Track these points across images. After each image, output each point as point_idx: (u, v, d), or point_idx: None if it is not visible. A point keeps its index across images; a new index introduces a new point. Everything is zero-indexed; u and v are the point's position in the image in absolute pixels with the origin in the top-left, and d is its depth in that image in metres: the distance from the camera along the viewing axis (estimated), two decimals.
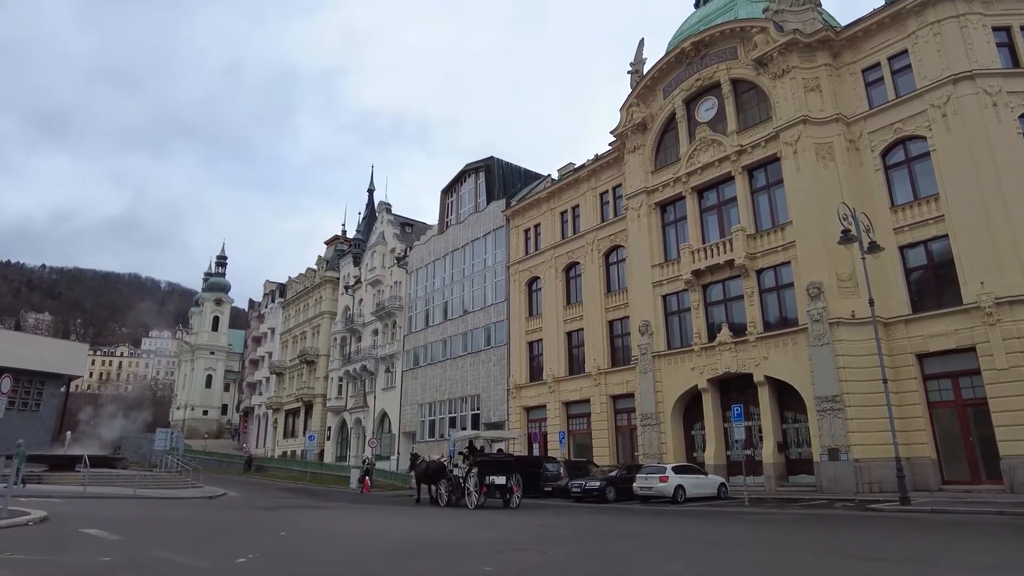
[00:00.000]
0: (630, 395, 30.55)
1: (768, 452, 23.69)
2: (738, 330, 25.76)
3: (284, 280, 76.54)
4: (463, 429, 40.95)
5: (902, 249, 23.00)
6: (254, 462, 58.92)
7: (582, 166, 36.32)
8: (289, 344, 69.93)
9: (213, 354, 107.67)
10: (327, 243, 72.65)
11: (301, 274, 71.24)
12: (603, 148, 35.78)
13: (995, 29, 23.06)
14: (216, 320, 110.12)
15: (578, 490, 22.26)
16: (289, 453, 62.80)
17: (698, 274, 27.14)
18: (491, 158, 46.36)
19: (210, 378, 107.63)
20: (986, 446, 20.36)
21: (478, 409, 40.60)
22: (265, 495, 27.81)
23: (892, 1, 24.50)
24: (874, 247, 17.64)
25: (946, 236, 21.95)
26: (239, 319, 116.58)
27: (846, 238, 17.57)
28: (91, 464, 31.52)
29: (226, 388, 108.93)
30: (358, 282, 58.94)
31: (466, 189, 48.20)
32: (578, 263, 35.47)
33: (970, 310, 20.79)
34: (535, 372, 37.11)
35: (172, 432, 38.02)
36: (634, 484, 21.43)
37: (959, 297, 21.22)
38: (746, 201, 26.74)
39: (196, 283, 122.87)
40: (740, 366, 25.10)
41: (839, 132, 24.81)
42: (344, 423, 56.28)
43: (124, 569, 7.68)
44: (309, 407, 62.25)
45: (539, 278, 37.99)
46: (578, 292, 35.33)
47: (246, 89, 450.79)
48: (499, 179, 45.52)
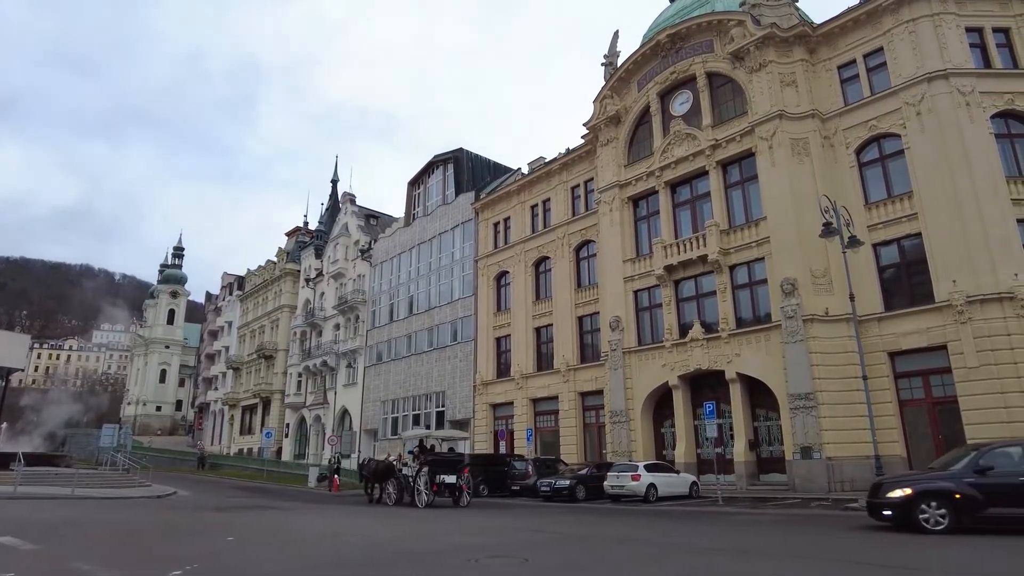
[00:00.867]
0: (599, 392, 30.00)
1: (740, 450, 23.34)
2: (710, 327, 25.40)
3: (242, 272, 74.18)
4: (427, 427, 39.98)
5: (875, 247, 22.85)
6: (208, 459, 56.89)
7: (553, 159, 35.64)
8: (247, 338, 67.75)
9: (168, 348, 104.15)
10: (288, 234, 70.61)
11: (260, 266, 69.05)
12: (573, 144, 35.25)
13: (968, 30, 23.10)
14: (172, 313, 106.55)
15: (547, 489, 21.55)
16: (246, 451, 60.83)
17: (670, 269, 26.70)
18: (460, 150, 45.37)
19: (164, 373, 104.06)
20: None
21: (443, 406, 39.64)
22: (218, 494, 26.42)
23: None
24: (854, 241, 17.32)
25: (919, 234, 21.88)
26: (196, 313, 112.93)
27: (828, 231, 17.22)
28: (30, 462, 29.63)
29: (181, 383, 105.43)
30: (320, 275, 57.32)
31: (434, 181, 47.12)
32: (548, 258, 34.79)
33: (942, 308, 20.73)
34: (502, 368, 36.32)
35: (120, 428, 36.05)
36: (605, 483, 20.83)
37: (931, 295, 21.15)
38: (720, 196, 26.40)
39: (152, 276, 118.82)
40: (712, 363, 24.73)
41: (814, 128, 24.61)
42: (303, 420, 54.64)
43: None
44: (267, 403, 60.32)
45: (508, 272, 37.20)
46: (548, 287, 34.66)
47: (208, 78, 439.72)
48: (468, 171, 44.57)
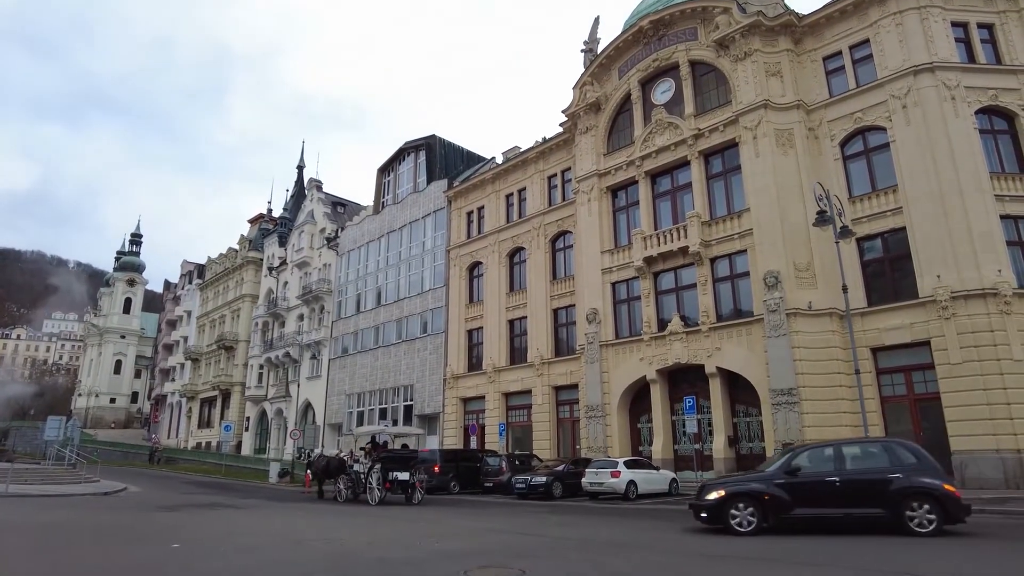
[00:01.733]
0: (574, 386, 29.24)
1: (719, 447, 22.76)
2: (690, 320, 24.79)
3: (203, 261, 71.56)
4: (395, 421, 38.79)
5: (859, 241, 22.39)
6: (160, 453, 54.76)
7: (530, 148, 34.67)
8: (206, 328, 65.38)
9: (124, 338, 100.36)
10: (251, 222, 68.30)
11: (222, 254, 66.63)
12: (548, 137, 34.24)
13: (954, 24, 22.85)
14: (128, 302, 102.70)
15: (523, 486, 20.64)
16: (204, 445, 58.70)
17: (650, 261, 26.01)
18: (432, 136, 44.09)
19: (119, 364, 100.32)
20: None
21: (411, 400, 38.45)
22: (171, 490, 24.90)
23: None
24: (846, 232, 16.78)
25: (904, 228, 21.54)
26: (154, 303, 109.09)
27: (822, 219, 16.61)
28: None
29: (137, 375, 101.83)
30: (283, 264, 55.42)
31: (405, 168, 45.76)
32: (523, 248, 33.87)
33: (926, 304, 20.41)
34: (474, 362, 35.31)
35: (67, 420, 34.03)
36: (583, 480, 20.03)
37: (915, 291, 20.83)
38: (702, 187, 25.78)
39: (109, 264, 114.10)
40: (691, 357, 24.12)
41: (799, 119, 24.13)
42: (264, 413, 52.78)
43: None
44: (227, 396, 58.24)
45: (481, 263, 36.17)
46: (522, 278, 33.74)
47: (176, 66, 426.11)
48: (441, 159, 43.33)
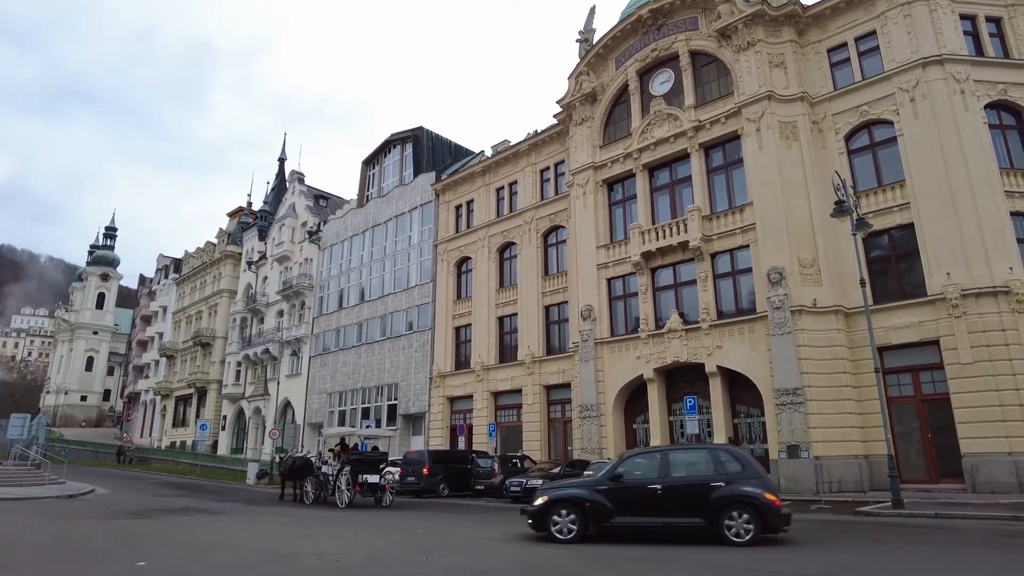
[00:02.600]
0: (566, 385, 28.30)
1: None
2: (689, 317, 23.98)
3: (180, 255, 69.55)
4: (378, 421, 37.63)
5: (864, 237, 21.77)
6: (132, 453, 53.02)
7: (522, 140, 33.69)
8: (182, 324, 63.48)
9: (96, 334, 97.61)
10: (230, 215, 66.52)
11: (199, 248, 64.74)
12: (539, 129, 33.32)
13: (962, 17, 22.32)
14: (101, 297, 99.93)
15: (517, 489, 19.64)
16: (178, 444, 56.90)
17: (648, 256, 25.15)
18: (420, 128, 42.91)
19: (91, 360, 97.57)
20: (943, 443, 19.44)
21: (395, 399, 37.24)
22: (142, 493, 23.52)
23: None
24: (862, 224, 16.01)
25: (911, 225, 20.90)
26: (129, 300, 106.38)
27: (840, 210, 15.85)
28: None
29: (110, 372, 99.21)
30: (263, 258, 53.84)
31: (390, 161, 44.54)
32: (514, 243, 32.87)
33: (935, 302, 19.78)
34: (462, 360, 34.23)
35: (32, 418, 32.36)
36: None
37: (923, 288, 20.20)
38: (702, 180, 24.99)
39: (83, 260, 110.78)
40: (691, 355, 23.30)
41: (803, 112, 23.43)
42: (241, 412, 51.15)
43: None
44: (203, 394, 56.48)
45: (470, 258, 35.10)
46: (513, 274, 32.74)
47: (157, 59, 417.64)
48: (428, 151, 42.19)
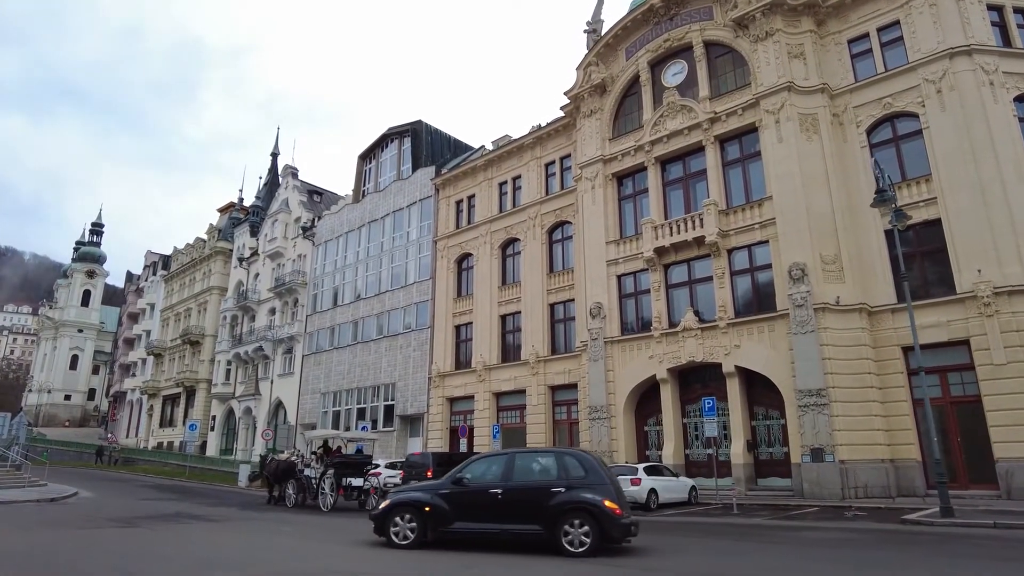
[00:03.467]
0: (572, 386, 27.34)
1: (738, 451, 21.05)
2: (705, 316, 23.08)
3: (169, 251, 67.95)
4: (374, 421, 36.48)
5: (888, 233, 20.97)
6: (117, 453, 51.61)
7: (526, 134, 32.70)
8: (171, 322, 61.93)
9: (81, 332, 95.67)
10: (220, 210, 65.01)
11: (188, 244, 63.20)
12: (543, 123, 32.39)
13: (989, 7, 21.63)
14: (87, 294, 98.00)
15: None
16: (166, 444, 55.38)
17: (661, 252, 24.24)
18: (419, 122, 41.85)
19: (76, 359, 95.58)
20: (974, 447, 18.64)
21: (392, 399, 36.10)
22: (128, 496, 22.28)
23: None
24: (900, 215, 15.13)
25: (938, 220, 20.11)
26: (115, 298, 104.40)
27: (881, 199, 14.94)
28: None
29: (95, 371, 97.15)
30: (255, 254, 52.51)
31: (388, 155, 43.42)
32: (517, 239, 31.86)
33: (964, 300, 19.00)
34: (462, 359, 33.17)
35: (12, 417, 30.98)
36: None
37: (952, 286, 19.41)
38: (717, 174, 24.12)
39: (65, 258, 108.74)
40: (707, 355, 22.39)
41: (824, 104, 22.64)
42: (231, 412, 49.73)
43: None
44: (191, 393, 55.00)
45: (471, 255, 34.06)
46: (516, 271, 31.74)
47: (146, 58, 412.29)
48: (427, 146, 41.12)
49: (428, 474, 21.44)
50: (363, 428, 34.84)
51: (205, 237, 61.09)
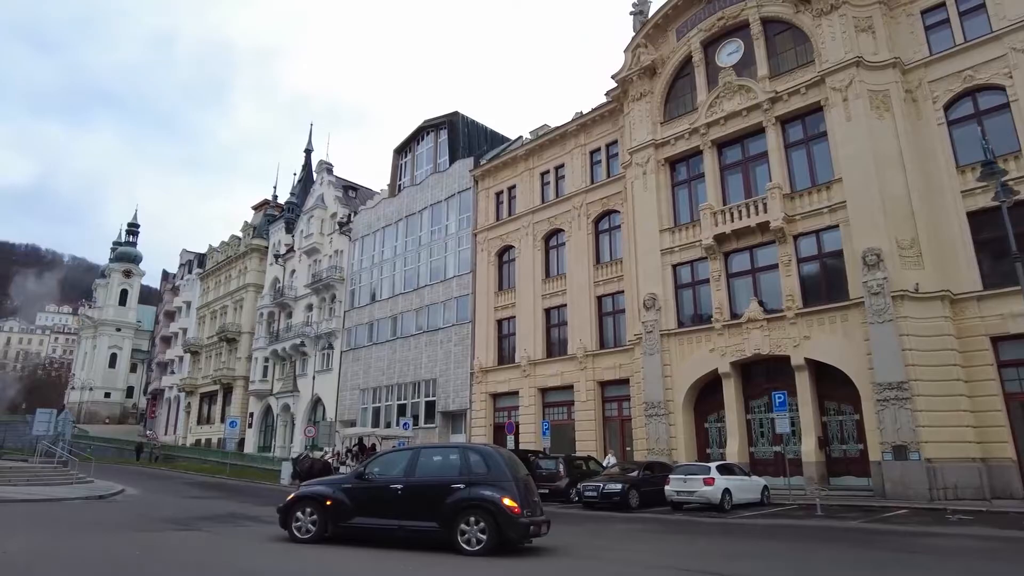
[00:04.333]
0: (623, 381, 26.28)
1: (809, 449, 19.83)
2: (769, 305, 21.84)
3: (204, 249, 68.34)
4: (415, 417, 35.81)
5: (971, 215, 19.55)
6: (158, 450, 51.84)
7: (570, 121, 31.65)
8: (207, 320, 62.21)
9: (119, 331, 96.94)
10: (255, 208, 65.05)
11: (224, 242, 63.45)
12: (584, 111, 31.28)
13: None
14: (124, 294, 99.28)
15: (593, 494, 17.62)
16: (203, 441, 55.54)
17: (721, 240, 23.06)
18: (455, 113, 41.11)
19: (115, 357, 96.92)
20: None
21: (434, 395, 35.41)
22: (175, 494, 21.83)
23: None
24: (1007, 191, 13.78)
25: None
26: (151, 299, 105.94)
27: (990, 171, 13.60)
28: None
29: (133, 369, 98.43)
30: (290, 251, 52.33)
31: (424, 148, 42.74)
32: (561, 230, 30.86)
33: None
34: (505, 354, 32.31)
35: (57, 413, 30.97)
36: (667, 487, 17.05)
37: None
38: (780, 156, 22.84)
39: (103, 259, 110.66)
40: (774, 347, 21.17)
41: (895, 79, 21.22)
42: (269, 409, 49.65)
43: None
44: (228, 390, 55.09)
45: (513, 247, 33.15)
46: (560, 263, 30.76)
47: (178, 63, 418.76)
48: (464, 137, 40.40)
49: None
50: (404, 425, 34.18)
51: (240, 235, 61.20)
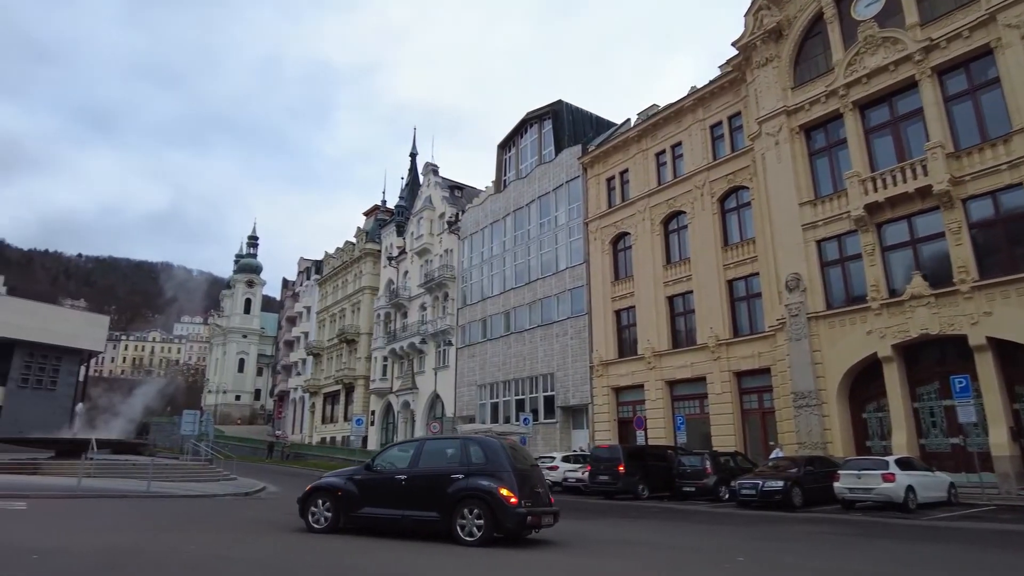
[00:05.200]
0: (763, 371, 24.36)
1: (999, 441, 17.28)
2: (937, 279, 19.35)
3: (320, 256, 71.34)
4: (534, 411, 35.24)
5: None
6: (286, 449, 54.39)
7: (685, 96, 29.88)
8: (327, 323, 64.81)
9: (245, 337, 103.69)
10: (366, 214, 67.13)
11: (339, 248, 65.89)
12: (694, 87, 29.31)
13: None
14: (248, 302, 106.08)
15: (751, 492, 16.16)
16: (328, 440, 57.85)
17: (872, 210, 20.72)
18: (559, 102, 40.15)
19: (242, 362, 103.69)
20: None
21: (552, 390, 34.66)
22: None
23: None
24: None
25: None
26: (271, 306, 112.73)
27: None
28: (111, 450, 26.43)
29: (259, 372, 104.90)
30: (402, 253, 53.36)
31: (528, 141, 42.10)
32: (682, 212, 29.18)
33: None
34: (626, 346, 31.00)
35: (201, 414, 32.87)
36: (837, 484, 15.32)
37: None
38: (938, 112, 20.20)
39: (228, 272, 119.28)
40: (945, 326, 18.71)
41: None
42: (390, 407, 50.86)
43: None
44: (350, 390, 57.02)
45: (628, 234, 31.79)
46: (683, 247, 29.08)
47: (283, 85, 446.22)
48: (568, 126, 39.37)
49: (620, 469, 19.66)
50: (524, 420, 33.70)
51: (354, 240, 63.26)
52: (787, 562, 8.62)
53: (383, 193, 66.62)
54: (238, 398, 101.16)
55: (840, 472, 15.46)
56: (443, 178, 52.98)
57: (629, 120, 37.04)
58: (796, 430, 21.35)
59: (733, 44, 26.33)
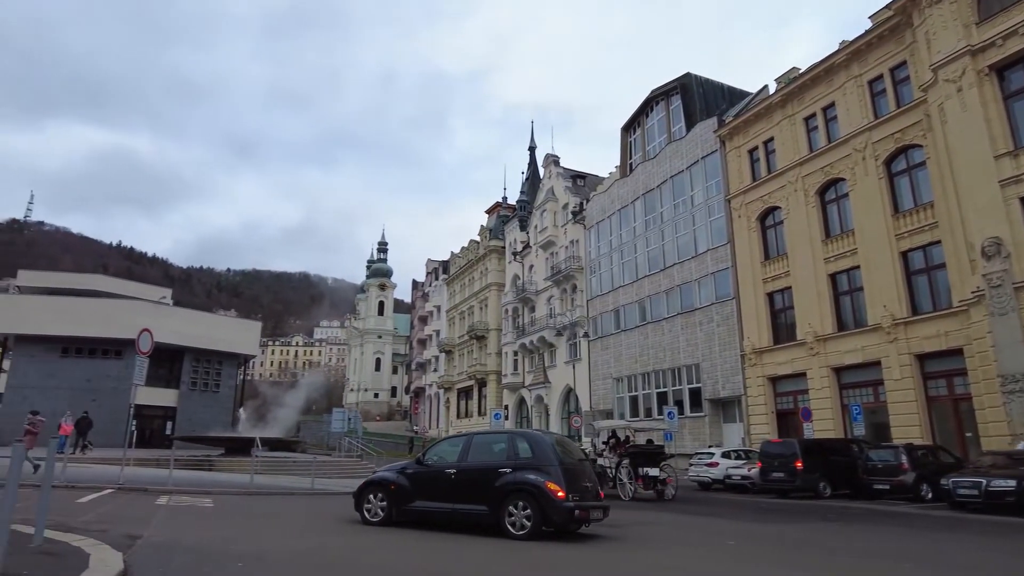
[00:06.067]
0: (951, 352, 21.25)
1: None
2: None
3: (446, 257, 72.85)
4: (678, 404, 33.43)
5: None
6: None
7: (837, 50, 26.91)
8: (456, 321, 65.99)
9: (380, 338, 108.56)
10: (488, 211, 67.61)
11: (463, 247, 66.86)
12: (844, 41, 26.15)
13: None
14: (381, 305, 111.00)
15: (973, 492, 13.81)
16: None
17: None
18: (687, 75, 37.91)
19: (379, 361, 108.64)
20: None
21: (698, 382, 32.68)
22: None
23: None
24: None
25: None
26: (402, 308, 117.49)
27: None
28: (268, 447, 27.89)
29: (394, 371, 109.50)
30: (527, 247, 52.99)
31: (654, 120, 40.14)
32: (841, 180, 26.29)
33: None
34: (781, 331, 28.50)
35: (349, 412, 34.11)
36: None
37: None
38: None
39: (359, 278, 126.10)
40: None
41: None
42: (523, 401, 50.73)
43: None
44: (482, 385, 57.59)
45: (778, 208, 29.20)
46: (844, 218, 26.20)
47: (401, 98, 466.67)
48: (699, 99, 37.04)
49: (797, 465, 17.73)
50: (669, 414, 31.93)
51: (478, 239, 63.88)
52: None
53: (504, 190, 66.97)
54: (376, 396, 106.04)
55: None
56: (564, 168, 52.01)
57: (767, 87, 34.14)
58: (1008, 419, 18.28)
59: None
